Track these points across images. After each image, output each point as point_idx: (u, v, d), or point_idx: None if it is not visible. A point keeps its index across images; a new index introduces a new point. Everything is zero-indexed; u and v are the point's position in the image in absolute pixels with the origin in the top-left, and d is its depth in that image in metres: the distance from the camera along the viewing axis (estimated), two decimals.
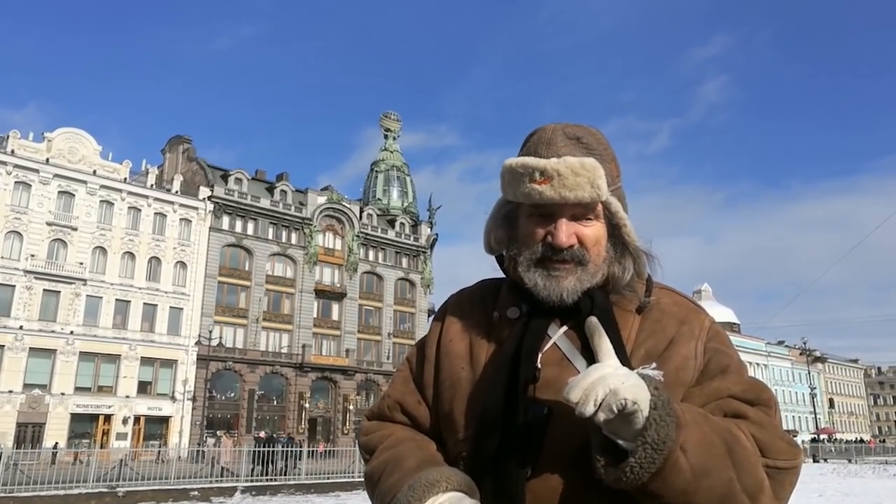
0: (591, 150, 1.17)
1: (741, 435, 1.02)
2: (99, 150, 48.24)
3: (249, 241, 53.39)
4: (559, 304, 1.14)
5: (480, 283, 1.37)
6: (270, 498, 19.58)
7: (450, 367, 1.23)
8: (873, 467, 36.45)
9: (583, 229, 1.16)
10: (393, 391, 1.32)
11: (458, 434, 1.16)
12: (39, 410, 41.35)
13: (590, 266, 1.16)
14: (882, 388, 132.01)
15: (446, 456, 1.18)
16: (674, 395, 1.07)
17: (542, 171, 1.12)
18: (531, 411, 1.09)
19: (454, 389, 1.20)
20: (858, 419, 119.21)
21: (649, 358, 1.11)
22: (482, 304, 1.28)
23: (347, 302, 58.30)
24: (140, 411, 45.25)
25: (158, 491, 18.76)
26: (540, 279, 1.15)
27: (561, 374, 1.11)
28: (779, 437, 1.06)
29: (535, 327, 1.16)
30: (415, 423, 1.25)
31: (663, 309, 1.20)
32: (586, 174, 1.11)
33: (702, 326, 1.19)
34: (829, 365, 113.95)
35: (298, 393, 52.82)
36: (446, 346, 1.26)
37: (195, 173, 54.90)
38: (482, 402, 1.14)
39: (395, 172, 73.06)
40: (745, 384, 1.13)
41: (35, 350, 41.88)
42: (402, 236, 64.96)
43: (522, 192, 1.15)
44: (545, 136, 1.19)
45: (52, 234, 44.17)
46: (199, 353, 47.69)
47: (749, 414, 1.08)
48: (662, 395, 0.95)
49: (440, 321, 1.32)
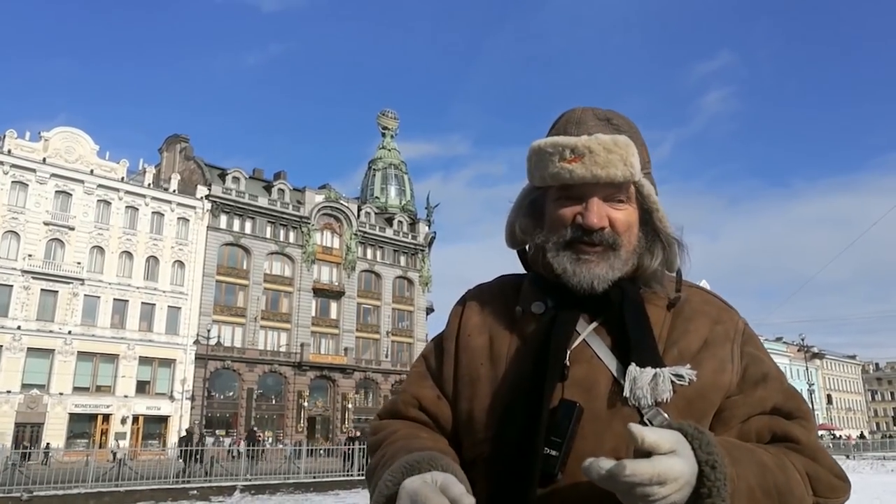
0: (622, 132, 1.11)
1: (795, 482, 0.98)
2: (96, 149, 48.16)
3: (247, 239, 53.34)
4: (589, 292, 1.09)
5: (500, 278, 1.31)
6: (269, 497, 19.59)
7: (469, 362, 1.17)
8: (871, 463, 36.55)
9: (614, 212, 1.10)
10: (409, 386, 1.25)
11: (477, 434, 1.10)
12: (38, 410, 41.27)
13: (622, 252, 1.10)
14: (880, 384, 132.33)
15: (463, 457, 1.11)
16: (711, 398, 1.06)
17: (572, 149, 1.07)
18: (561, 411, 1.03)
19: (473, 386, 1.14)
20: (856, 415, 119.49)
21: (682, 358, 1.07)
22: (503, 298, 1.22)
23: (345, 300, 58.29)
24: (139, 411, 45.19)
25: (157, 490, 18.77)
26: (569, 264, 1.09)
27: (591, 372, 1.07)
28: (831, 472, 1.03)
29: (563, 322, 1.10)
30: (434, 420, 1.18)
31: (695, 307, 1.15)
32: (619, 151, 1.06)
33: (736, 328, 1.14)
34: (827, 361, 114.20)
35: (297, 392, 52.81)
36: (465, 341, 1.20)
37: (192, 172, 54.82)
38: (506, 401, 1.07)
39: (393, 171, 72.96)
40: (786, 392, 1.10)
41: (33, 350, 41.80)
42: (401, 234, 64.93)
43: (551, 172, 1.09)
44: (574, 117, 1.15)
45: (49, 233, 44.07)
46: (198, 352, 47.65)
47: (800, 438, 1.04)
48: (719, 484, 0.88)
49: (458, 316, 1.25)
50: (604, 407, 1.04)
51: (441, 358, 1.23)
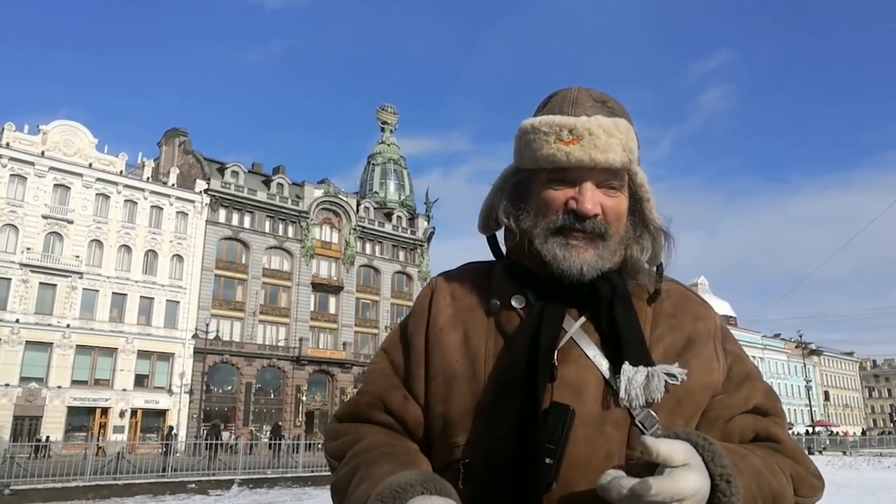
0: (618, 116, 1.05)
1: (785, 485, 0.98)
2: (94, 142, 48.00)
3: (246, 234, 53.28)
4: (577, 279, 1.02)
5: (468, 265, 1.23)
6: (268, 490, 19.62)
7: (442, 360, 1.07)
8: (868, 459, 36.63)
9: (607, 199, 1.04)
10: (372, 386, 1.13)
11: (455, 438, 1.02)
12: (36, 404, 41.26)
13: (611, 242, 1.04)
14: (877, 380, 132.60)
15: (436, 462, 1.03)
16: (700, 398, 1.04)
17: (570, 129, 1.00)
18: (552, 415, 0.96)
19: (449, 387, 1.05)
20: (853, 412, 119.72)
21: (668, 357, 1.03)
22: (475, 289, 1.13)
23: (344, 295, 58.27)
24: (137, 404, 45.19)
25: (155, 483, 18.78)
26: (559, 250, 1.03)
27: (580, 372, 1.01)
28: (811, 473, 1.04)
29: (550, 319, 1.03)
30: (402, 423, 1.09)
31: (675, 302, 1.11)
32: (619, 136, 1.01)
33: (715, 325, 1.11)
34: (825, 358, 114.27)
35: (295, 386, 52.85)
36: (437, 336, 1.10)
37: (191, 166, 54.71)
38: (491, 403, 1.00)
39: (392, 165, 72.78)
40: (766, 391, 1.10)
41: (31, 343, 41.76)
42: (399, 229, 64.87)
43: (545, 154, 1.02)
44: (570, 96, 1.08)
45: (47, 227, 43.98)
46: (196, 346, 47.64)
47: (782, 439, 1.04)
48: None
49: (426, 308, 1.14)
50: (595, 409, 0.99)
51: (408, 354, 1.12)
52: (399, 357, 1.13)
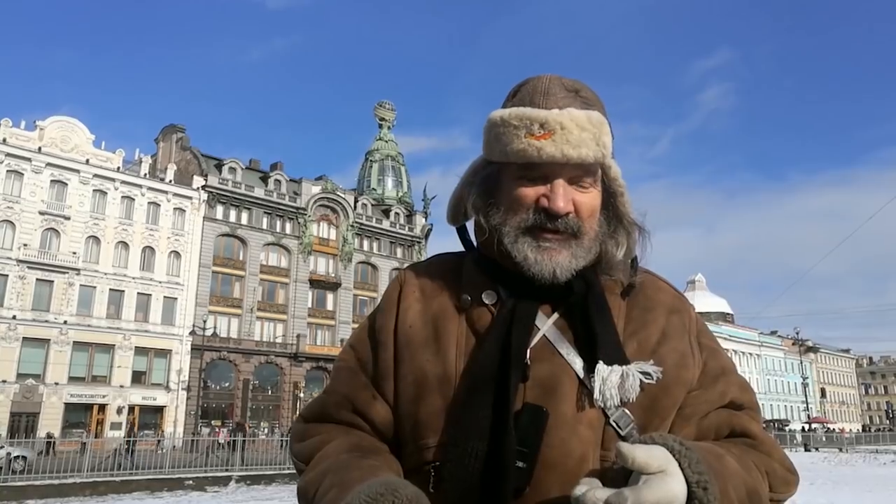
0: (591, 106, 1.01)
1: (760, 483, 0.95)
2: (92, 138, 47.88)
3: (244, 230, 53.22)
4: (550, 282, 0.99)
5: (437, 257, 1.19)
6: (265, 487, 19.63)
7: (412, 358, 1.04)
8: (864, 456, 36.76)
9: (579, 195, 1.00)
10: (338, 385, 1.09)
11: (425, 439, 0.99)
12: (33, 400, 41.24)
13: (584, 240, 1.01)
14: (873, 377, 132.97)
15: (406, 464, 1.01)
16: (676, 394, 1.01)
17: (542, 124, 0.96)
18: (526, 416, 0.94)
19: (419, 387, 1.01)
20: (850, 409, 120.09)
21: (642, 352, 1.00)
22: (444, 283, 1.09)
23: (342, 292, 58.26)
24: (134, 401, 45.16)
25: (153, 480, 18.79)
26: (530, 252, 0.99)
27: (553, 371, 0.98)
28: (785, 469, 1.02)
29: (522, 317, 1.00)
30: (370, 424, 1.05)
31: (649, 295, 1.08)
32: (592, 129, 0.97)
33: (690, 318, 1.09)
34: (822, 355, 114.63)
35: (293, 383, 52.84)
36: (406, 333, 1.06)
37: (189, 162, 54.59)
38: (462, 404, 0.97)
39: (390, 162, 72.70)
40: (741, 385, 1.08)
41: (28, 340, 41.70)
42: (397, 226, 64.85)
43: (516, 148, 0.98)
44: (541, 86, 1.03)
45: (44, 223, 43.90)
46: (194, 342, 47.61)
47: (757, 434, 1.02)
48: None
49: (395, 303, 1.10)
50: (569, 410, 0.96)
51: (376, 351, 1.08)
52: (367, 354, 1.09)
